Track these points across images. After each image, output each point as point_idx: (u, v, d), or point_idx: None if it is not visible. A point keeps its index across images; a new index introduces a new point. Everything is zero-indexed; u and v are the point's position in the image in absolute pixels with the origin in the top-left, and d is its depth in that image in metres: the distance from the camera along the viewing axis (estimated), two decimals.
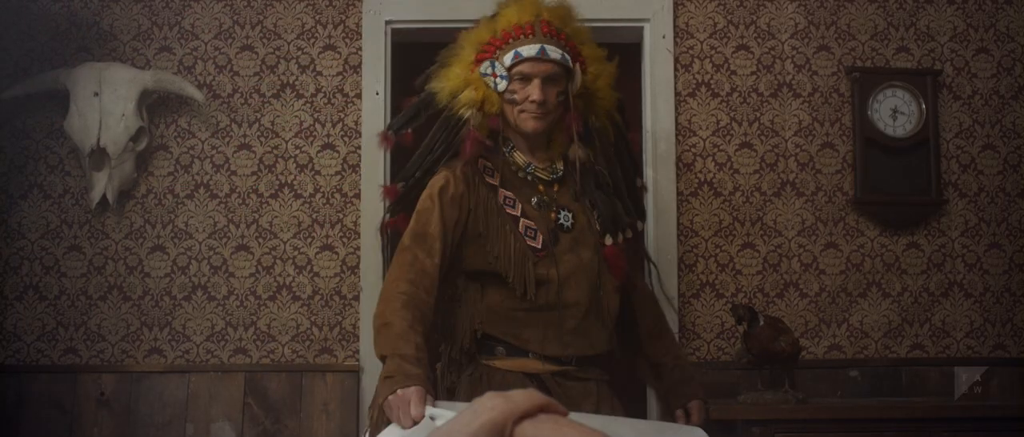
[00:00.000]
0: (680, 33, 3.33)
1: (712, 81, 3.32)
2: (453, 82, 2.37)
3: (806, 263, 3.27)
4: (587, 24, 3.29)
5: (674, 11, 3.33)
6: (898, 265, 3.28)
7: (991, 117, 3.35)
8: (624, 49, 3.42)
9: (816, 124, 3.32)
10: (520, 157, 2.39)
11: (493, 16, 2.43)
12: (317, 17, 3.32)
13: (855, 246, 3.28)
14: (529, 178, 2.38)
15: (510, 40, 2.33)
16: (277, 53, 3.31)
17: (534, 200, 2.36)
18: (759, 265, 3.26)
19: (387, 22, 3.30)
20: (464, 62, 2.38)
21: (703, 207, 3.27)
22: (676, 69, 3.31)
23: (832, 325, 3.25)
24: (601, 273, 2.36)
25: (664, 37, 3.31)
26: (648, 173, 3.28)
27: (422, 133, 2.48)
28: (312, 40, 3.32)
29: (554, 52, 2.32)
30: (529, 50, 2.30)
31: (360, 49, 3.30)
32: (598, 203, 2.43)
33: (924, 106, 3.28)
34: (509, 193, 2.34)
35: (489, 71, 2.33)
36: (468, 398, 2.15)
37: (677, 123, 3.29)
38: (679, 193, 3.26)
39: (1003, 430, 2.79)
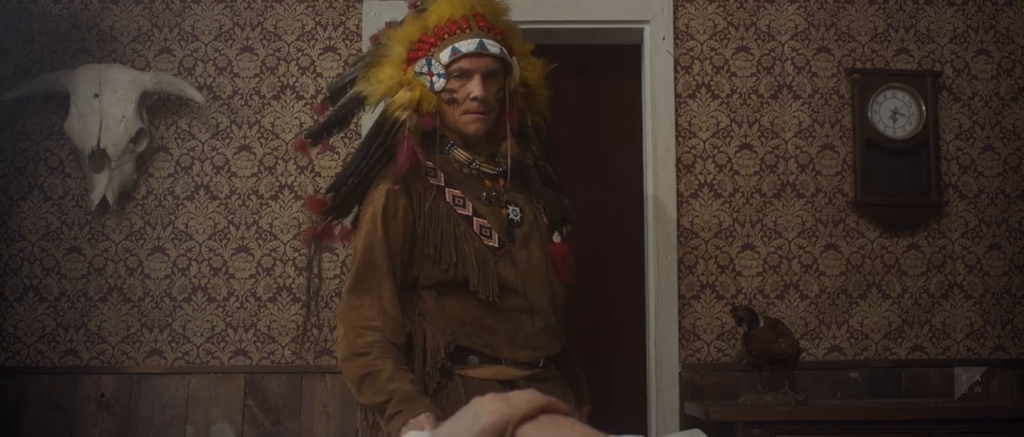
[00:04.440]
0: (680, 35, 3.33)
1: (712, 83, 3.32)
2: (385, 83, 2.24)
3: (806, 264, 3.27)
4: (587, 25, 3.33)
5: (674, 13, 3.33)
6: (898, 266, 3.28)
7: (991, 119, 3.35)
8: (624, 50, 3.44)
9: (816, 126, 3.32)
10: (462, 154, 2.27)
11: (422, 12, 2.28)
12: (317, 19, 3.32)
13: (855, 247, 3.28)
14: (475, 173, 2.28)
15: (445, 36, 2.21)
16: (277, 55, 3.31)
17: (483, 196, 2.25)
18: (759, 266, 3.26)
19: (387, 23, 3.28)
20: (395, 61, 2.25)
21: (703, 208, 3.27)
22: (676, 71, 3.31)
23: (832, 326, 3.25)
24: (549, 269, 2.29)
25: (664, 39, 3.31)
26: (648, 174, 3.29)
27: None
28: (312, 42, 3.32)
29: (493, 46, 2.22)
30: (468, 45, 2.19)
31: (360, 50, 3.29)
32: (546, 199, 2.35)
33: (924, 108, 3.28)
34: (457, 192, 2.23)
35: (425, 70, 2.21)
36: (445, 412, 2.07)
37: (677, 125, 3.29)
38: (679, 194, 3.26)
39: (1003, 431, 2.79)
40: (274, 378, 3.18)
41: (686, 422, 3.12)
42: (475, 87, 2.20)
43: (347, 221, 2.41)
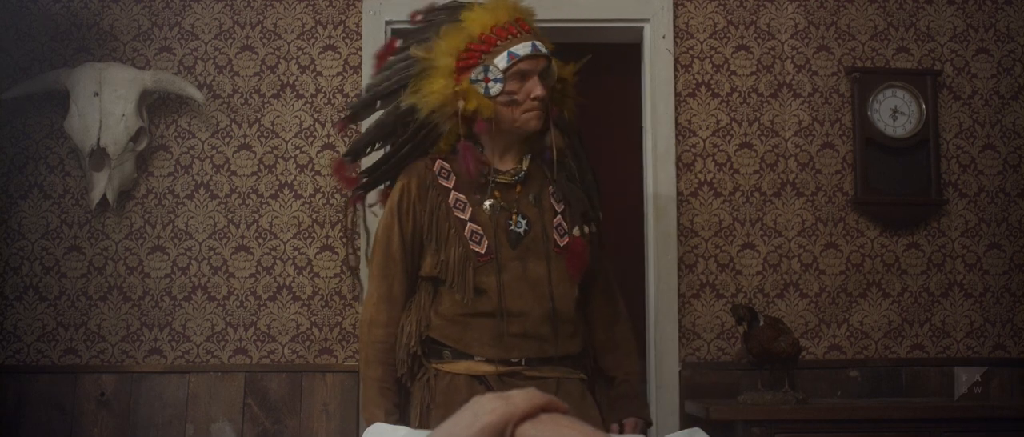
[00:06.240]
0: (680, 33, 3.33)
1: (712, 81, 3.32)
2: (439, 94, 2.31)
3: (806, 263, 3.27)
4: (587, 24, 3.33)
5: (674, 11, 3.33)
6: (898, 265, 3.28)
7: (991, 117, 3.35)
8: (624, 49, 3.44)
9: (816, 124, 3.32)
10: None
11: (458, 23, 2.35)
12: (317, 17, 3.32)
13: (855, 246, 3.28)
14: (486, 182, 2.34)
15: (497, 42, 2.30)
16: (277, 53, 3.31)
17: (487, 204, 2.32)
18: (759, 265, 3.26)
19: (387, 22, 3.30)
20: (445, 72, 2.31)
21: (703, 207, 3.27)
22: (676, 69, 3.31)
23: (832, 325, 3.25)
24: (553, 281, 2.30)
25: (664, 37, 3.31)
26: (648, 173, 3.29)
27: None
28: (312, 40, 3.32)
29: (544, 48, 2.34)
30: (523, 49, 2.30)
31: (360, 49, 3.30)
32: (569, 194, 2.38)
33: (924, 106, 3.28)
34: (461, 196, 2.33)
35: (481, 77, 2.28)
36: (419, 399, 2.28)
37: (677, 123, 3.29)
38: (679, 193, 3.26)
39: (1003, 430, 2.79)
40: (274, 377, 3.18)
41: (686, 421, 3.12)
42: (536, 87, 2.31)
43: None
